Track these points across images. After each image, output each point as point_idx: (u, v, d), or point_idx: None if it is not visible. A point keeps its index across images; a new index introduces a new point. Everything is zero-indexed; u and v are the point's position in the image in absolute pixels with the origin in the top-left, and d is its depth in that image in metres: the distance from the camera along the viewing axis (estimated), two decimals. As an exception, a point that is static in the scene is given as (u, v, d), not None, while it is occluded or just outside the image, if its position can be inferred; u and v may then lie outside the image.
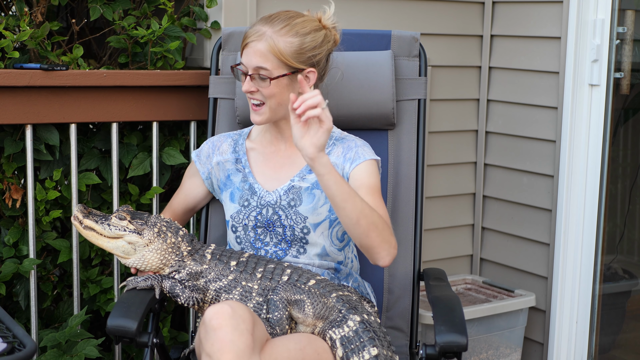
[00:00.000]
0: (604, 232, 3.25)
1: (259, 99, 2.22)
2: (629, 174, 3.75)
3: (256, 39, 2.19)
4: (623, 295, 3.60)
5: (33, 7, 2.68)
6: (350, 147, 2.31)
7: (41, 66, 2.46)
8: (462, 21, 3.42)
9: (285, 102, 2.22)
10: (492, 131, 3.51)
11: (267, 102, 2.22)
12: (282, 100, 2.22)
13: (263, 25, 2.20)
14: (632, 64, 3.22)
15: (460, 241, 3.60)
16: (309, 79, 2.24)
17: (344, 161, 2.28)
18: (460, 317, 2.11)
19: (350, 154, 2.28)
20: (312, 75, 2.24)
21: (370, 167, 2.27)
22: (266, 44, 2.17)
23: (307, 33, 2.22)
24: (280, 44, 2.18)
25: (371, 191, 2.22)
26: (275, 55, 2.17)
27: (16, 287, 2.60)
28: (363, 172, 2.25)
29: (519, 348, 3.31)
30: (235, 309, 1.93)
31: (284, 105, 2.23)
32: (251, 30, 2.22)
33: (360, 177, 2.25)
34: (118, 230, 2.18)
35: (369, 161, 2.27)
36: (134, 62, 2.80)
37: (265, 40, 2.18)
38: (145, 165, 2.73)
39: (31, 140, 2.51)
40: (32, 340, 1.74)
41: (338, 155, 2.30)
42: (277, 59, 2.18)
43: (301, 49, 2.20)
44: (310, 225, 2.26)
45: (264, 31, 2.19)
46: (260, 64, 2.18)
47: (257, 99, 2.23)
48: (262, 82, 2.20)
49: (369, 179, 2.24)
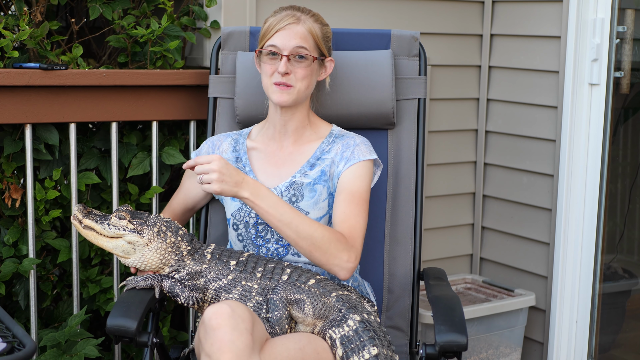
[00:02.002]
0: (603, 231, 3.25)
1: (290, 82, 2.26)
2: (629, 173, 3.74)
3: (294, 21, 2.26)
4: (623, 295, 3.60)
5: (32, 7, 2.68)
6: (349, 145, 2.32)
7: (40, 66, 2.46)
8: (462, 20, 3.42)
9: (311, 85, 2.31)
10: (492, 130, 3.51)
11: (297, 85, 2.27)
12: (310, 83, 2.30)
13: (294, 11, 2.29)
14: (632, 63, 3.22)
15: (460, 240, 3.59)
16: (326, 68, 2.36)
17: (340, 159, 2.31)
18: (460, 317, 2.11)
19: (347, 153, 2.31)
20: (329, 64, 2.37)
21: (361, 170, 2.30)
22: (305, 26, 2.27)
23: (326, 24, 2.35)
24: (316, 28, 2.28)
25: (350, 198, 2.26)
26: (313, 37, 2.28)
27: (16, 286, 2.60)
28: (351, 176, 2.29)
29: (519, 347, 3.31)
30: (235, 309, 1.92)
31: (309, 90, 2.32)
32: (279, 16, 2.28)
33: (347, 181, 2.29)
34: (118, 229, 2.18)
35: (363, 163, 2.30)
36: (134, 61, 2.80)
37: (303, 23, 2.27)
38: (144, 165, 2.72)
39: (30, 139, 2.51)
40: (31, 340, 1.74)
41: (337, 152, 2.33)
42: (314, 41, 2.28)
43: (326, 37, 2.33)
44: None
45: (299, 15, 2.28)
46: (301, 43, 2.26)
47: (287, 82, 2.26)
48: (298, 64, 2.26)
49: (354, 184, 2.28)
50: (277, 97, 2.28)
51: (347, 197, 2.26)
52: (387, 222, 2.54)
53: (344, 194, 2.26)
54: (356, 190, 2.27)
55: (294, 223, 2.16)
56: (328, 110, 2.53)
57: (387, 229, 2.54)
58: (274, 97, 2.28)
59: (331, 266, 2.18)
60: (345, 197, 2.26)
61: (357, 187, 2.28)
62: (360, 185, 2.28)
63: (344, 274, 2.19)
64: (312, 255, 2.18)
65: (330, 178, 2.32)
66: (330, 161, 2.33)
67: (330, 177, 2.32)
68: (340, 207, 2.25)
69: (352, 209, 2.25)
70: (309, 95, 2.35)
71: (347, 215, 2.24)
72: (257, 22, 2.88)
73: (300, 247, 2.18)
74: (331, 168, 2.32)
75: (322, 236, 2.17)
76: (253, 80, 2.51)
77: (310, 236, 2.16)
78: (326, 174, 2.32)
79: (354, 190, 2.27)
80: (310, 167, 2.33)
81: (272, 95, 2.28)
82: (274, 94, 2.28)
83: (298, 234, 2.16)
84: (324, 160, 2.34)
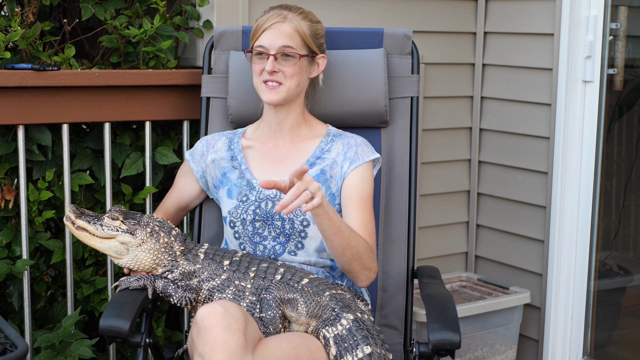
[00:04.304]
0: (598, 228, 3.25)
1: (279, 80, 2.28)
2: (624, 170, 3.74)
3: (280, 20, 2.28)
4: (618, 292, 3.60)
5: (24, 7, 2.67)
6: (350, 144, 2.34)
7: (33, 66, 2.45)
8: (455, 18, 3.42)
9: (302, 83, 2.32)
10: (486, 128, 3.51)
11: (286, 83, 2.28)
12: (300, 81, 2.31)
13: (281, 10, 2.30)
14: (625, 60, 3.22)
15: (455, 239, 3.60)
16: (319, 65, 2.36)
17: (344, 159, 2.33)
18: (453, 315, 2.11)
19: (350, 153, 2.33)
20: (322, 61, 2.37)
21: (366, 173, 2.33)
22: (292, 24, 2.28)
23: (317, 21, 2.35)
24: (303, 26, 2.29)
25: (362, 203, 2.30)
26: (300, 35, 2.28)
27: (9, 288, 2.60)
28: (358, 179, 2.31)
29: (514, 345, 3.31)
30: (227, 309, 1.92)
31: (300, 87, 2.32)
32: (267, 15, 2.30)
33: (356, 185, 2.31)
34: (110, 230, 2.17)
35: (367, 164, 2.33)
36: (127, 61, 2.79)
37: (290, 22, 2.28)
38: (138, 165, 2.72)
39: (23, 140, 2.51)
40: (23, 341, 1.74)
41: (338, 152, 2.35)
42: (301, 39, 2.28)
43: (316, 34, 2.33)
44: (310, 218, 2.27)
45: (285, 14, 2.29)
46: (287, 42, 2.27)
47: (276, 80, 2.28)
48: (285, 62, 2.27)
49: (363, 189, 2.31)
50: (266, 96, 2.29)
51: (360, 203, 2.29)
52: (380, 221, 2.54)
53: (356, 200, 2.29)
54: (365, 195, 2.31)
55: (347, 232, 2.16)
56: (321, 109, 2.53)
57: (380, 227, 2.54)
58: (264, 96, 2.30)
59: (360, 275, 2.23)
60: (359, 204, 2.29)
61: (366, 191, 2.31)
62: (369, 188, 2.32)
63: (366, 283, 2.26)
64: (351, 264, 2.19)
65: (333, 179, 2.32)
66: (331, 161, 2.33)
67: (333, 178, 2.32)
68: (356, 214, 2.28)
69: (367, 215, 2.29)
70: (302, 93, 2.35)
71: (364, 221, 2.28)
72: (250, 21, 2.88)
73: (344, 255, 2.17)
74: (333, 168, 2.33)
75: (364, 247, 2.21)
76: (246, 79, 2.51)
77: (357, 246, 2.18)
78: (326, 173, 2.32)
79: (364, 195, 2.31)
80: (310, 166, 2.34)
81: (262, 94, 2.30)
82: (264, 92, 2.29)
83: (349, 242, 2.16)
84: (324, 159, 2.34)
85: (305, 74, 2.32)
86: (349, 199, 2.30)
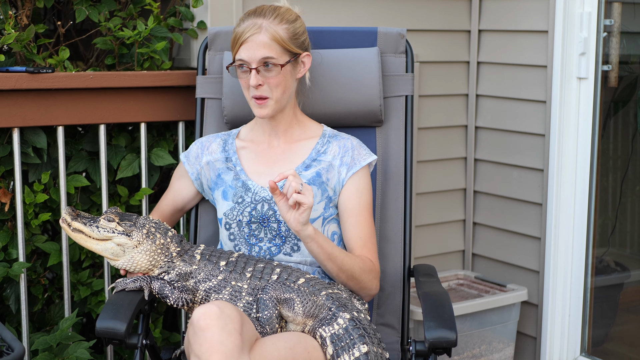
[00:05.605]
0: (594, 225, 3.26)
1: (265, 93, 2.25)
2: (620, 167, 3.75)
3: (256, 31, 2.22)
4: (615, 288, 3.60)
5: (18, 10, 2.67)
6: (347, 147, 2.33)
7: (27, 69, 2.45)
8: (449, 16, 3.42)
9: (289, 89, 2.29)
10: (481, 126, 3.51)
11: (273, 94, 2.26)
12: (286, 87, 2.28)
13: (255, 19, 2.24)
14: (619, 57, 3.22)
15: (452, 237, 3.60)
16: (305, 64, 2.32)
17: (341, 164, 2.33)
18: (450, 313, 2.11)
19: (347, 158, 2.33)
20: (307, 59, 2.33)
21: (364, 180, 2.34)
22: (268, 34, 2.22)
23: (295, 20, 2.28)
24: (280, 32, 2.23)
25: (361, 218, 2.32)
26: (278, 43, 2.23)
27: (6, 290, 2.60)
28: (356, 191, 2.32)
29: (512, 342, 3.32)
30: (223, 309, 1.92)
31: (287, 93, 2.30)
32: (243, 26, 2.24)
33: (353, 197, 2.32)
34: (107, 232, 2.17)
35: (365, 169, 2.34)
36: (121, 63, 2.79)
37: (265, 31, 2.22)
38: (134, 167, 2.72)
39: (18, 143, 2.51)
40: (20, 344, 1.74)
41: (334, 154, 2.34)
42: (280, 46, 2.23)
43: (295, 34, 2.27)
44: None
45: (260, 23, 2.23)
46: (266, 54, 2.22)
47: (262, 94, 2.25)
48: (268, 73, 2.24)
49: (362, 199, 2.32)
50: (257, 112, 2.29)
51: (359, 219, 2.31)
52: (376, 220, 2.54)
53: (355, 216, 2.31)
54: (364, 207, 2.32)
55: (339, 258, 2.21)
56: (315, 109, 2.53)
57: (377, 226, 2.54)
58: (255, 112, 2.30)
59: (359, 292, 2.29)
60: (358, 220, 2.31)
61: (364, 202, 2.33)
62: (367, 198, 2.34)
63: (368, 299, 2.32)
64: (347, 284, 2.26)
65: (330, 182, 2.31)
66: (327, 164, 2.33)
67: (330, 181, 2.31)
68: (355, 232, 2.31)
69: (366, 231, 2.31)
70: (291, 96, 2.34)
71: (364, 240, 2.31)
72: (244, 21, 2.88)
73: (339, 277, 2.25)
74: (329, 172, 2.32)
75: (359, 269, 2.25)
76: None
77: (350, 269, 2.23)
78: (321, 176, 2.31)
79: (362, 208, 2.32)
80: (305, 168, 2.33)
81: (253, 109, 2.30)
82: (254, 108, 2.29)
83: (340, 267, 2.22)
84: (320, 162, 2.34)
85: (291, 78, 2.29)
86: (348, 215, 2.31)
